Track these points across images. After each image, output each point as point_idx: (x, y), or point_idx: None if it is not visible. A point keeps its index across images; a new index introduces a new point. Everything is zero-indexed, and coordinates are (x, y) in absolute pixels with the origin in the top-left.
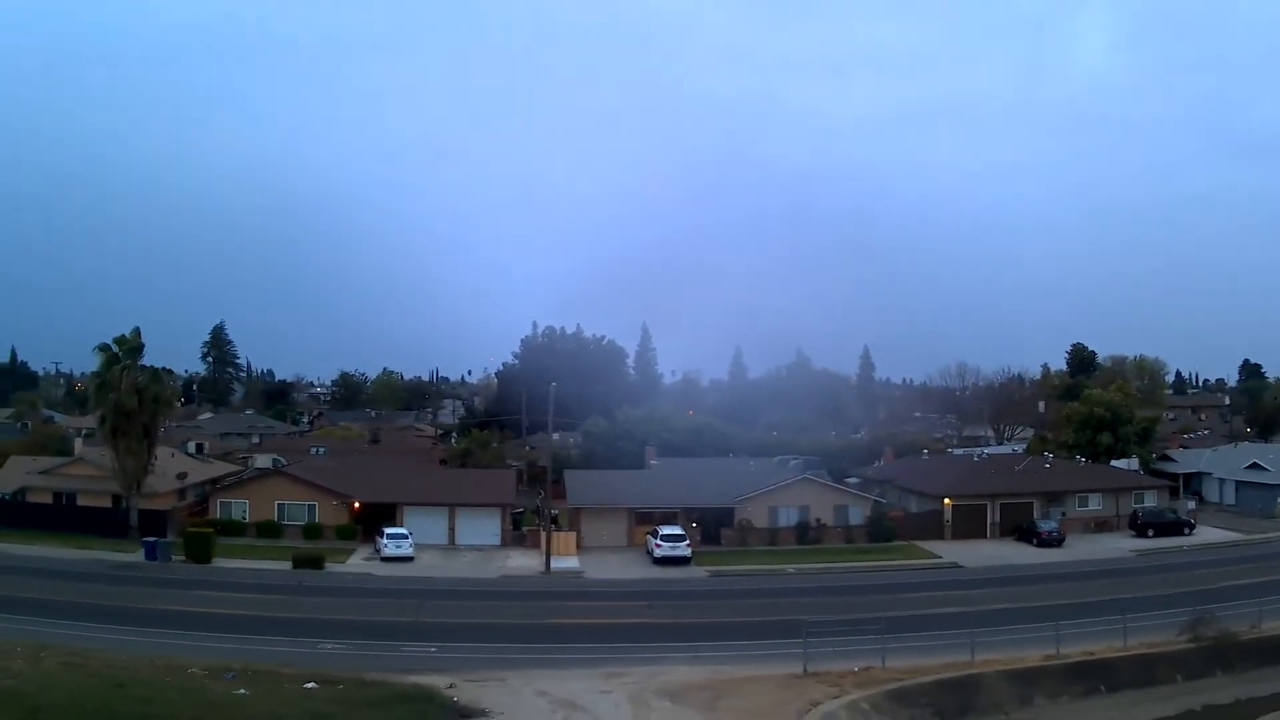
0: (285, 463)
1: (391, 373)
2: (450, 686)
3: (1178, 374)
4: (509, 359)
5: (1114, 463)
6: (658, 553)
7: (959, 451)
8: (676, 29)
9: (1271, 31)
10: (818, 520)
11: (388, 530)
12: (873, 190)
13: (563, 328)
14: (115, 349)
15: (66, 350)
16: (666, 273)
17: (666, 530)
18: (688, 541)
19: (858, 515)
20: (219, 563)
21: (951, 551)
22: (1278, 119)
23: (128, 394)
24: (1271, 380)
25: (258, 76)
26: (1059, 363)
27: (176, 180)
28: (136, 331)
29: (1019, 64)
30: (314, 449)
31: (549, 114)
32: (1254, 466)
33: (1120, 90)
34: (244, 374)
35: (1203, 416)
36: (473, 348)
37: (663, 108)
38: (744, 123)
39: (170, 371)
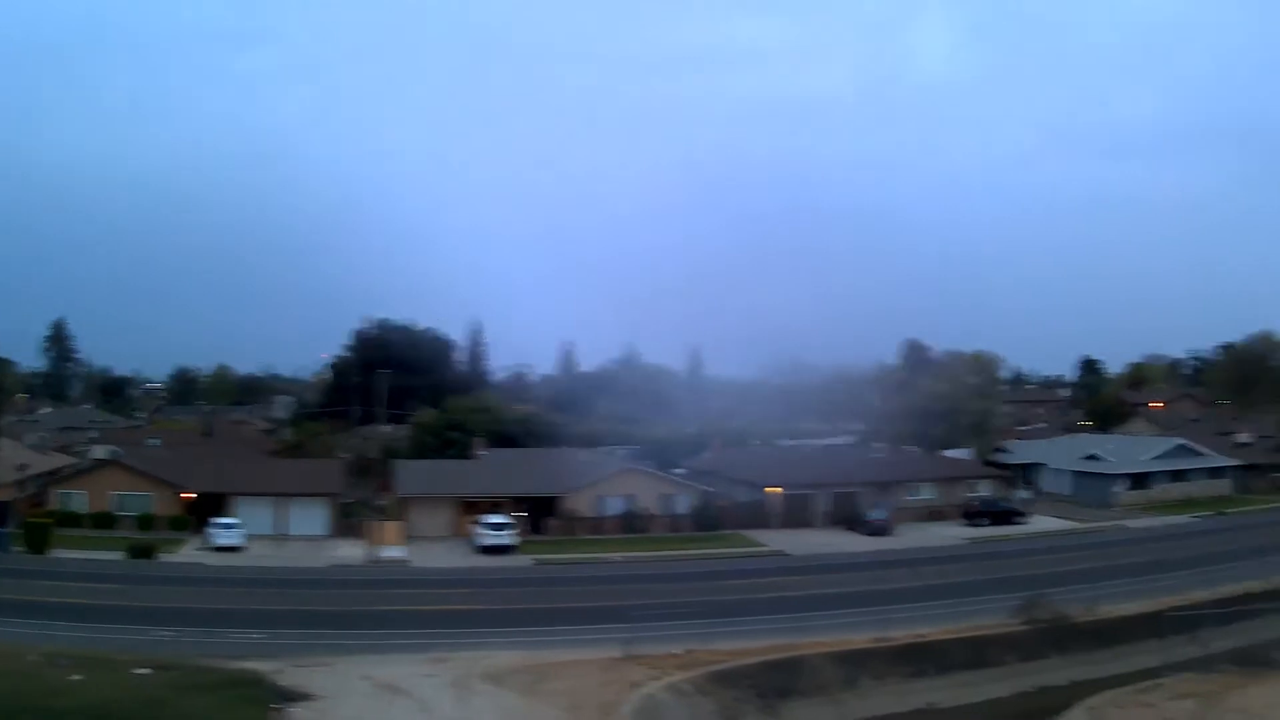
0: (123, 454)
1: (226, 368)
2: (277, 671)
3: (1016, 370)
4: (341, 352)
5: (947, 453)
6: (483, 541)
7: (789, 443)
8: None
9: (1115, 35)
10: (644, 510)
11: (219, 520)
12: (715, 187)
13: (395, 320)
14: None
15: None
16: (498, 269)
17: (491, 519)
18: (512, 530)
19: (684, 505)
20: (57, 553)
21: (778, 540)
22: (1127, 119)
23: None
24: (1109, 375)
25: (111, 70)
26: (894, 358)
27: (16, 175)
28: None
29: (862, 63)
30: (150, 440)
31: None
32: (1091, 457)
33: (964, 89)
34: (84, 370)
35: (1040, 410)
36: (309, 343)
37: (507, 106)
38: (578, 120)
39: (10, 362)
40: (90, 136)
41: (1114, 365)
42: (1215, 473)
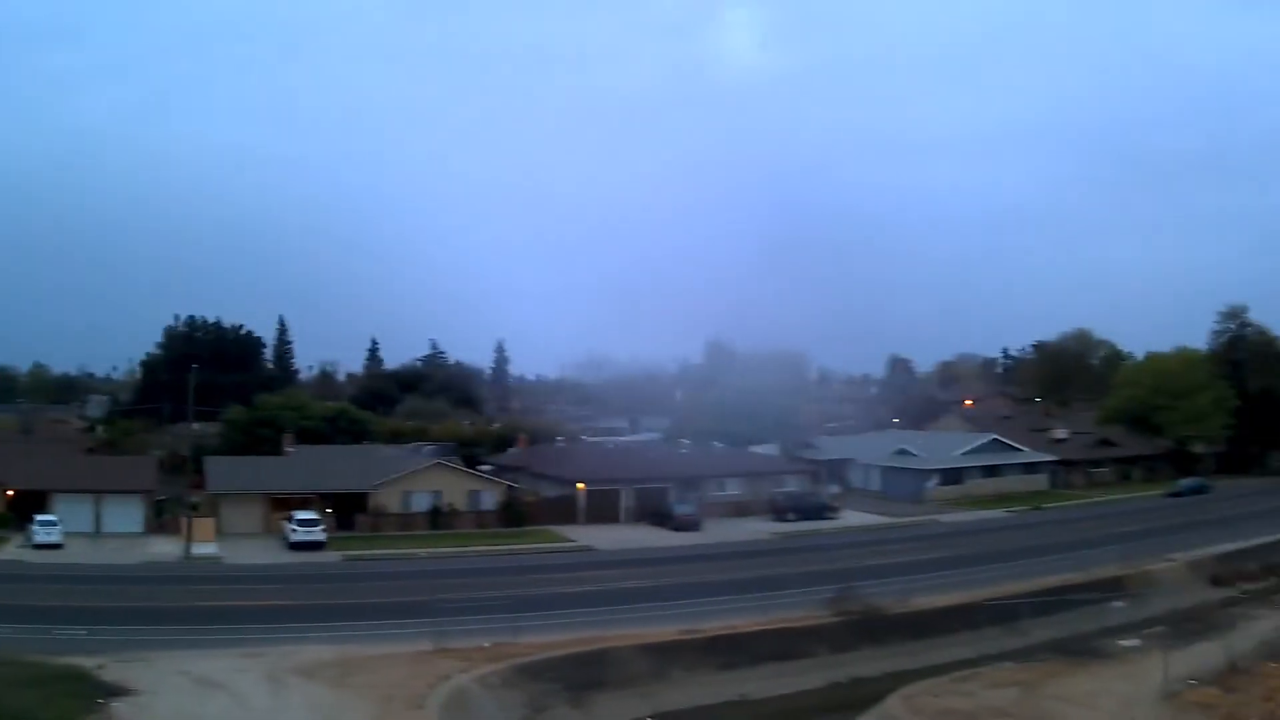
0: None
1: (42, 366)
2: (99, 667)
3: (822, 369)
4: (152, 349)
5: (755, 449)
6: (293, 538)
7: (595, 440)
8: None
9: (920, 36)
10: (450, 505)
11: (39, 518)
12: (517, 186)
13: (204, 318)
14: None
15: None
16: (305, 266)
17: (301, 515)
18: (322, 526)
19: (491, 500)
20: None
21: (585, 535)
22: (928, 120)
23: None
24: (920, 374)
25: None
26: (698, 356)
27: None
28: None
29: (665, 63)
30: None
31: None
32: (902, 452)
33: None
34: None
35: (849, 407)
36: (125, 341)
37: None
38: (369, 118)
39: None
40: None
41: (925, 364)
42: (1030, 468)
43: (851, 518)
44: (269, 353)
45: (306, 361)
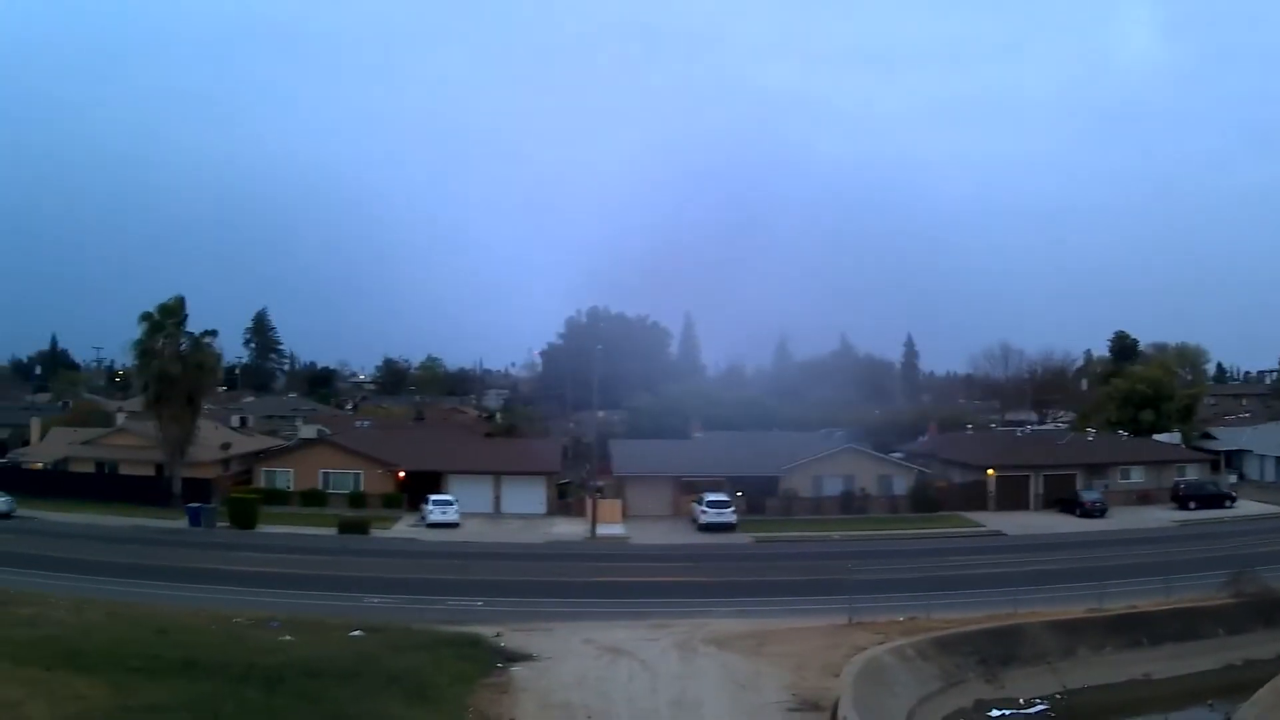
0: (330, 433)
1: (436, 359)
2: (496, 635)
3: (1219, 365)
4: (554, 340)
5: (1156, 437)
6: (703, 519)
7: (1004, 429)
8: (718, 21)
9: None
10: (862, 490)
11: (433, 497)
12: (916, 183)
13: (606, 307)
14: (158, 316)
15: (108, 338)
16: (708, 263)
17: (712, 497)
18: (733, 508)
19: (902, 486)
20: (263, 529)
21: (995, 521)
22: None
23: (171, 360)
24: None
25: (291, 74)
26: (1102, 350)
27: (213, 175)
28: (180, 300)
29: (1063, 57)
30: (359, 423)
31: (580, 105)
32: None
33: (1167, 83)
34: (287, 362)
35: (1244, 402)
36: (516, 338)
37: (701, 100)
38: (784, 114)
39: (215, 333)
40: (286, 140)
41: None
42: None
43: (1249, 507)
44: (675, 347)
45: (713, 360)
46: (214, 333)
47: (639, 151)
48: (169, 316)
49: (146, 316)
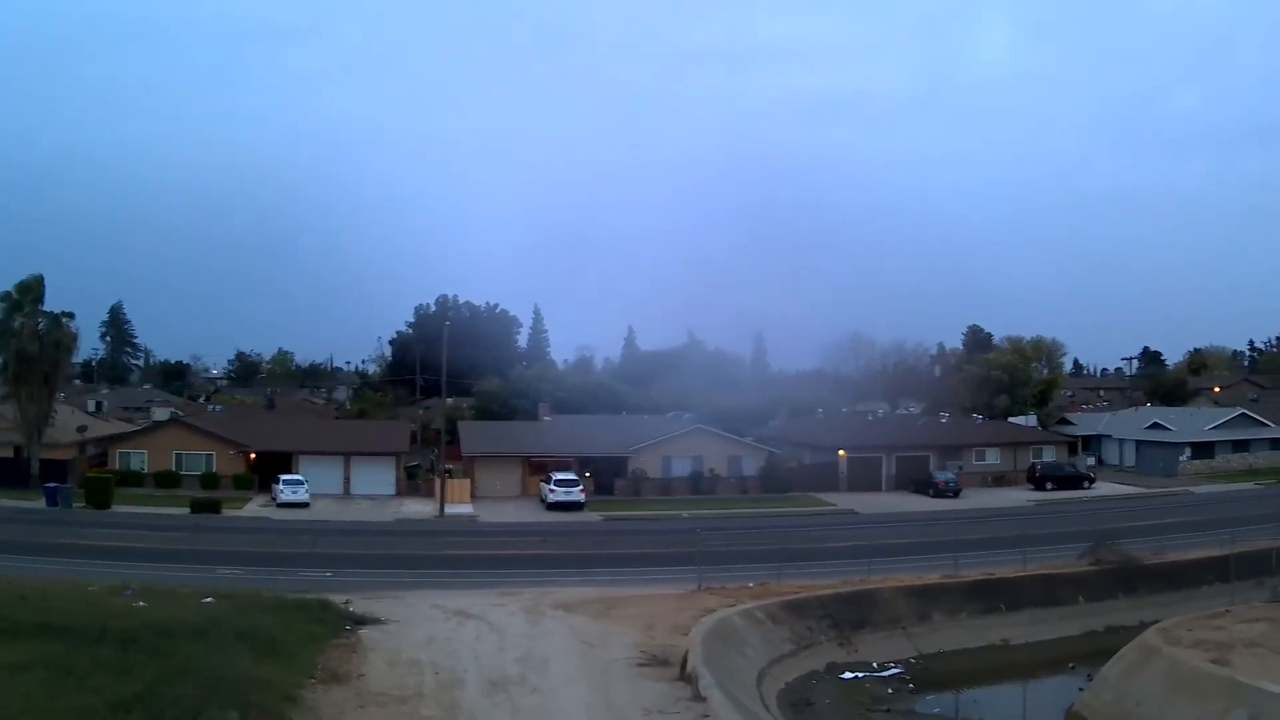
0: (183, 415)
1: (287, 353)
2: (345, 602)
3: (1076, 361)
4: (402, 328)
5: (1012, 419)
6: (551, 498)
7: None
8: (585, 22)
9: (1181, 23)
10: (711, 470)
11: (284, 477)
12: (772, 181)
13: (455, 296)
14: (16, 295)
15: None
16: (558, 257)
17: (560, 475)
18: (581, 487)
19: (752, 466)
20: (118, 509)
21: (847, 501)
22: (1189, 113)
23: (29, 339)
24: (1169, 366)
25: (141, 66)
26: (955, 344)
27: (69, 169)
28: (39, 278)
29: (921, 58)
30: (211, 407)
31: (433, 93)
32: (1155, 426)
33: (1028, 84)
34: (142, 356)
35: (1102, 393)
36: (366, 331)
37: (572, 96)
38: (648, 111)
39: (72, 315)
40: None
41: (1173, 356)
42: (1278, 444)
43: (1106, 488)
44: (524, 337)
45: (561, 352)
46: (71, 314)
47: (492, 144)
48: (26, 294)
49: (5, 296)
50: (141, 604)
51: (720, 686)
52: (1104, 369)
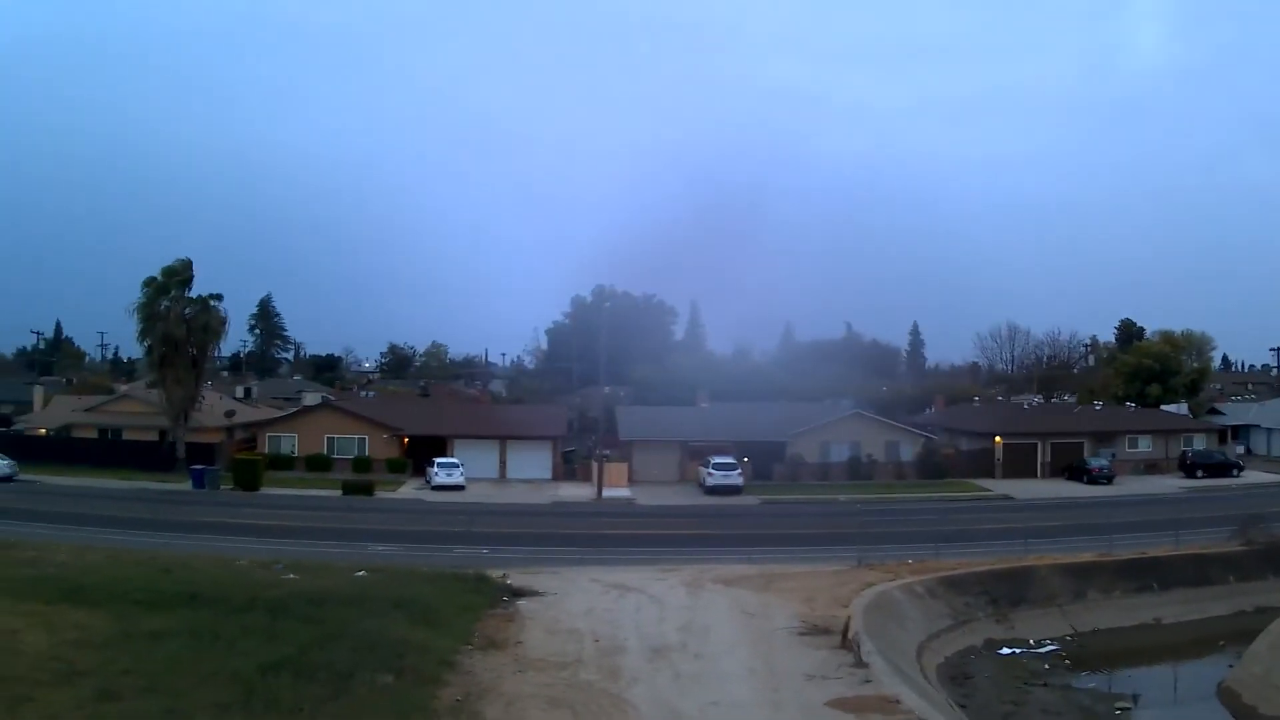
0: (334, 399)
1: (441, 345)
2: (503, 575)
3: (1224, 356)
4: (559, 319)
5: (1164, 407)
6: (709, 481)
7: (1013, 400)
8: (728, 19)
9: None
10: (869, 456)
11: (439, 460)
12: (922, 177)
13: (612, 286)
14: (162, 279)
15: (112, 328)
16: (715, 251)
17: (719, 459)
18: (739, 471)
19: (909, 452)
20: (267, 490)
21: (1002, 487)
22: None
23: (176, 323)
24: None
25: (295, 66)
26: (1108, 338)
27: (218, 169)
28: (187, 262)
29: (1072, 53)
30: (364, 393)
31: (593, 98)
32: None
33: (1175, 79)
34: (292, 349)
35: (1250, 386)
36: (522, 326)
37: (710, 93)
38: (795, 111)
39: (220, 297)
40: (288, 135)
41: None
42: None
43: (1255, 476)
44: (681, 330)
45: (719, 344)
46: (219, 296)
47: (647, 141)
48: (173, 277)
49: (151, 281)
50: (292, 576)
51: (881, 654)
52: (1251, 365)
